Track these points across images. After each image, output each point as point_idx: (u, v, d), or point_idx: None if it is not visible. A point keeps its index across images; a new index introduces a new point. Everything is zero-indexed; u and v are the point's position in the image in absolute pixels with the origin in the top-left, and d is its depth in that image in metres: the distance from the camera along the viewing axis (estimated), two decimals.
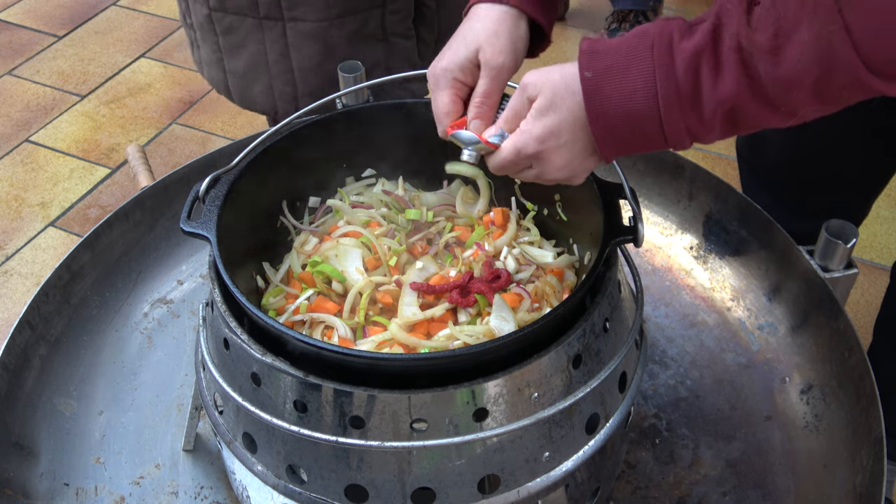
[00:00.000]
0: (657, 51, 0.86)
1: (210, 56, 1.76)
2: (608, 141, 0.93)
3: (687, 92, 0.85)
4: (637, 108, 0.88)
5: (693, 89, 0.85)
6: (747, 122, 0.87)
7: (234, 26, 1.66)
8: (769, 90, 0.82)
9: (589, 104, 0.90)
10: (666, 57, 0.85)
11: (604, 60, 0.89)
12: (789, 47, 0.79)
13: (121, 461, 1.32)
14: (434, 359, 0.97)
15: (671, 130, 0.88)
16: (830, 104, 0.84)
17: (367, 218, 1.31)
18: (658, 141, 0.90)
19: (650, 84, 0.86)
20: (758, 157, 1.84)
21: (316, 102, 1.24)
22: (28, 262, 2.73)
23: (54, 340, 1.41)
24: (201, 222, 1.08)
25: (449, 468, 0.99)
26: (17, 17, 3.91)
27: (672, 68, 0.85)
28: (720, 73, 0.83)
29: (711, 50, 0.83)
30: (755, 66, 0.81)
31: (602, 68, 0.89)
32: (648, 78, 0.86)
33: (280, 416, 0.99)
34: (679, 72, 0.85)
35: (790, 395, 1.36)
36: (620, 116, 0.89)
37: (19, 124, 3.29)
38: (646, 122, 0.88)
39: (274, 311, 1.20)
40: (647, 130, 0.89)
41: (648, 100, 0.87)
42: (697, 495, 1.26)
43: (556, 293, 1.18)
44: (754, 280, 1.51)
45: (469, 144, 1.05)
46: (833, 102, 0.84)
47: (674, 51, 0.85)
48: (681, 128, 0.88)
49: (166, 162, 3.09)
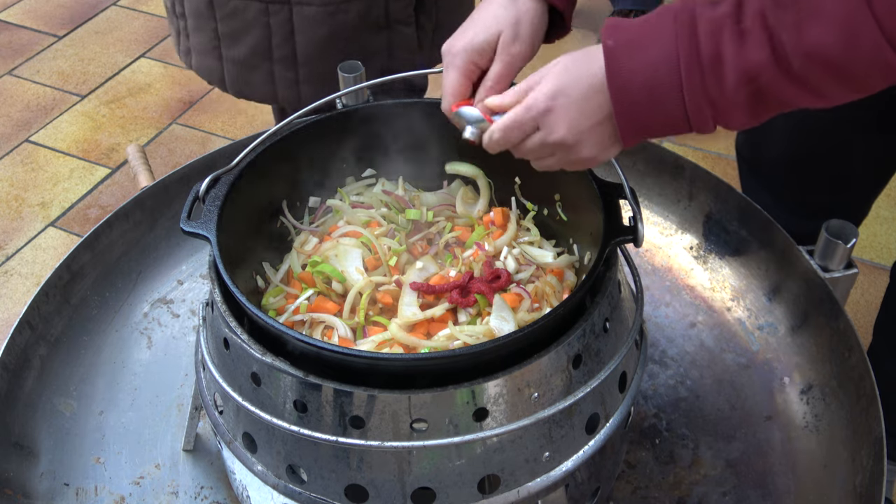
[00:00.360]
0: (680, 20, 0.85)
1: (205, 44, 1.75)
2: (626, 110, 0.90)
3: (709, 57, 0.83)
4: (658, 73, 0.86)
5: (715, 55, 0.83)
6: (772, 99, 0.85)
7: (238, 11, 1.66)
8: (793, 63, 0.81)
9: (609, 66, 0.89)
10: (689, 26, 0.85)
11: (626, 33, 0.89)
12: (813, 19, 0.78)
13: (121, 461, 1.32)
14: (434, 359, 0.97)
15: (692, 99, 0.86)
16: (857, 86, 0.83)
17: (367, 218, 1.31)
18: (678, 113, 0.87)
19: (672, 50, 0.85)
20: (758, 157, 1.84)
21: (316, 103, 1.24)
22: (28, 262, 2.73)
23: (54, 340, 1.41)
24: (201, 222, 1.08)
25: (449, 468, 0.99)
26: (17, 17, 3.91)
27: (695, 35, 0.84)
28: (744, 40, 0.82)
29: (735, 18, 0.83)
30: (779, 35, 0.80)
31: (624, 39, 0.88)
32: (670, 45, 0.85)
33: (280, 416, 0.99)
34: (701, 38, 0.84)
35: (790, 395, 1.36)
36: (639, 83, 0.87)
37: (19, 124, 3.29)
38: (666, 90, 0.86)
39: (274, 311, 1.20)
40: (668, 99, 0.87)
41: (670, 65, 0.85)
42: (697, 495, 1.26)
43: (556, 293, 1.18)
44: (754, 280, 1.51)
45: (473, 122, 1.04)
46: (860, 84, 0.83)
47: (697, 20, 0.85)
48: (701, 98, 0.86)
49: (166, 162, 3.09)
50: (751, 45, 0.82)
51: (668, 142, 2.92)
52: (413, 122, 1.27)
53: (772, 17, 0.81)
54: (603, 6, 3.73)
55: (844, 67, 0.80)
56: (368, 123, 1.28)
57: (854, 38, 0.78)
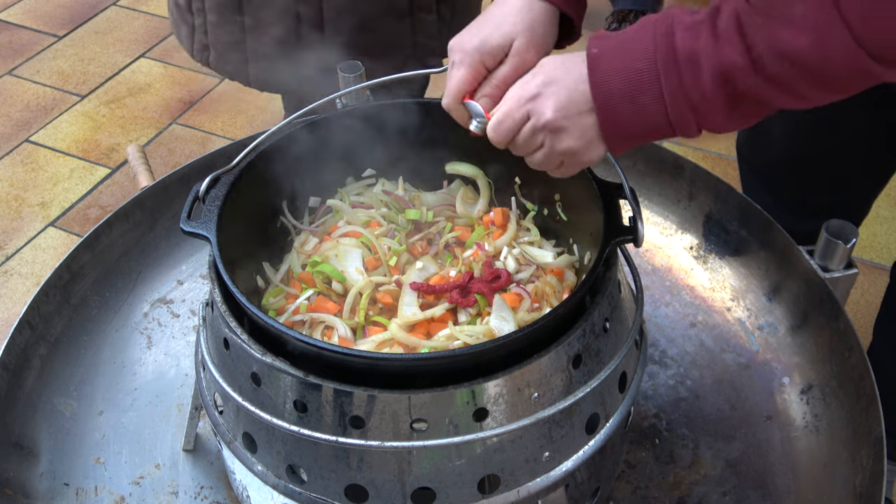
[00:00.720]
0: (659, 25, 0.90)
1: (227, 39, 1.75)
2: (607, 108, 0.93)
3: (685, 55, 0.87)
4: (637, 73, 0.90)
5: (691, 53, 0.87)
6: (751, 100, 0.88)
7: (267, 2, 1.67)
8: (767, 64, 0.83)
9: (592, 69, 0.93)
10: (666, 29, 0.89)
11: (610, 41, 0.93)
12: (785, 23, 0.81)
13: (121, 461, 1.32)
14: (434, 359, 0.97)
15: (672, 99, 0.89)
16: (834, 87, 0.85)
17: (367, 218, 1.31)
18: (659, 113, 0.91)
19: (650, 51, 0.89)
20: (758, 157, 1.84)
21: (316, 102, 1.24)
22: (28, 262, 2.73)
23: (54, 340, 1.41)
24: (201, 222, 1.08)
25: (449, 468, 0.99)
26: (17, 17, 3.91)
27: (672, 37, 0.88)
28: (719, 40, 0.85)
29: (711, 21, 0.87)
30: (753, 37, 0.83)
31: (607, 46, 0.93)
32: (649, 47, 0.90)
33: (280, 416, 0.99)
34: (678, 39, 0.88)
35: (790, 395, 1.36)
36: (620, 82, 0.91)
37: (19, 124, 3.29)
38: (646, 88, 0.90)
39: (274, 311, 1.20)
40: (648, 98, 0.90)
41: (649, 64, 0.89)
42: (697, 495, 1.26)
43: (556, 293, 1.18)
44: (754, 280, 1.51)
45: (476, 116, 1.07)
46: (837, 86, 0.85)
47: (675, 24, 0.89)
48: (680, 97, 0.89)
49: (166, 162, 3.09)
50: (725, 44, 0.85)
51: (668, 142, 2.92)
52: (413, 122, 1.27)
53: (746, 19, 0.84)
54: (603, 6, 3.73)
55: (819, 69, 0.82)
56: (368, 123, 1.28)
57: (824, 41, 0.80)
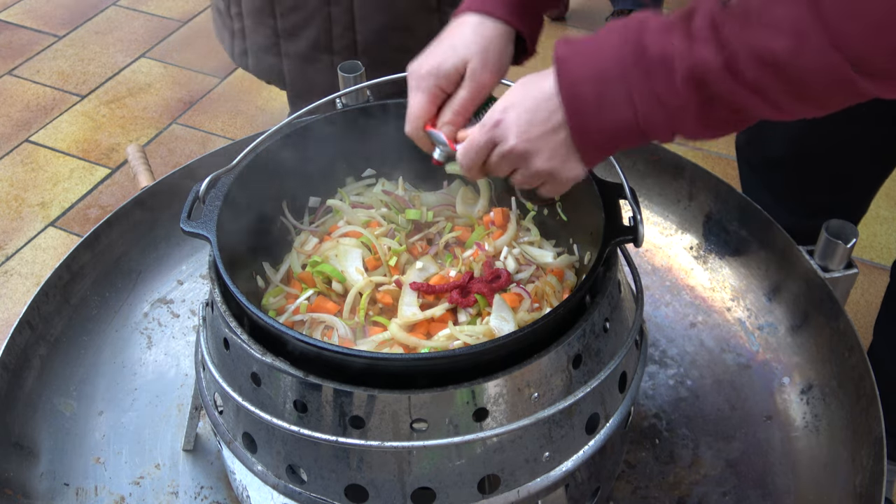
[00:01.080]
0: (628, 27, 0.87)
1: (263, 43, 1.76)
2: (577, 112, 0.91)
3: (657, 55, 0.84)
4: (606, 75, 0.87)
5: (663, 53, 0.84)
6: (726, 104, 0.84)
7: (300, 5, 1.67)
8: (742, 65, 0.80)
9: (559, 73, 0.90)
10: (636, 32, 0.86)
11: (577, 45, 0.91)
12: (762, 24, 0.79)
13: (121, 461, 1.32)
14: (434, 359, 0.97)
15: (641, 100, 0.86)
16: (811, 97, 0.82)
17: (367, 218, 1.31)
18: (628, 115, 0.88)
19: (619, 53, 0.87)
20: (758, 157, 1.84)
21: (315, 102, 1.24)
22: (28, 262, 2.73)
23: (54, 340, 1.41)
24: (201, 222, 1.08)
25: (449, 468, 0.99)
26: (17, 17, 3.91)
27: (642, 39, 0.86)
28: (693, 40, 0.82)
29: (684, 23, 0.84)
30: (728, 37, 0.80)
31: (574, 50, 0.91)
32: (618, 49, 0.87)
33: (280, 416, 0.99)
34: (649, 40, 0.85)
35: (790, 395, 1.36)
36: (588, 85, 0.89)
37: (19, 124, 3.29)
38: (614, 88, 0.87)
39: (274, 311, 1.20)
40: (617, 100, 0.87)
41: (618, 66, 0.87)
42: (697, 495, 1.26)
43: (556, 293, 1.18)
44: (754, 280, 1.51)
45: (440, 144, 1.08)
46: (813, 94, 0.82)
47: (645, 26, 0.86)
48: (650, 99, 0.86)
49: (166, 162, 3.09)
50: (700, 46, 0.82)
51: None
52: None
53: (721, 21, 0.81)
54: (603, 6, 3.73)
55: (795, 75, 0.79)
56: (368, 123, 1.28)
57: (802, 43, 0.77)
